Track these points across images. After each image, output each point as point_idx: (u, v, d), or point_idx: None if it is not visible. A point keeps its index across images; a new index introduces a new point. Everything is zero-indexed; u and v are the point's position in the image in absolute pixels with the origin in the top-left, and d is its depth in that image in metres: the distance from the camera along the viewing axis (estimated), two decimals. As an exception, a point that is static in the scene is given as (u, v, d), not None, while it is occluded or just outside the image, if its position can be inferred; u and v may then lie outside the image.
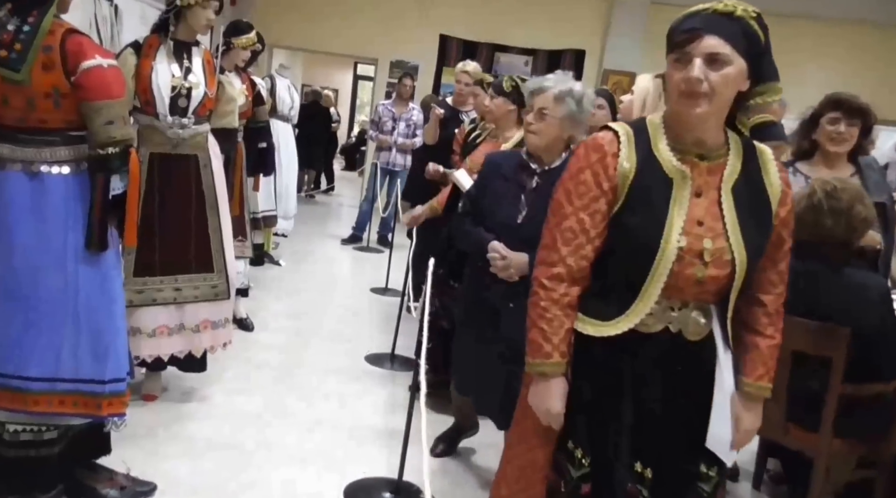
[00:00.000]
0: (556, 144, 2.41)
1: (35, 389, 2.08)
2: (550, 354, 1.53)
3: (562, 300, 1.54)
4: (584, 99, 2.36)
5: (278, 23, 9.52)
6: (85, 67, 2.05)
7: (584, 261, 1.53)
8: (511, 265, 2.35)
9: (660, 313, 1.50)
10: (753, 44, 1.45)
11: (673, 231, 1.45)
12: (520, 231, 2.36)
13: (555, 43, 9.31)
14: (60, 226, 2.08)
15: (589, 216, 1.51)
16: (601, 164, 1.51)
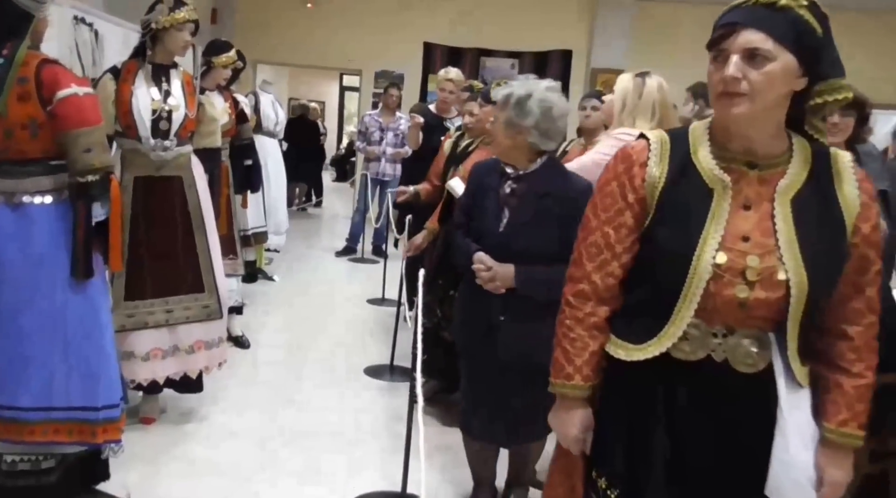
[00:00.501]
0: (514, 151, 2.27)
1: (30, 419, 2.07)
2: (571, 376, 1.44)
3: (587, 320, 1.43)
4: (528, 101, 2.19)
5: (260, 39, 9.51)
6: (60, 96, 2.05)
7: (610, 278, 1.42)
8: (496, 276, 2.24)
9: (699, 339, 1.34)
10: (805, 37, 1.27)
11: (707, 246, 1.30)
12: (502, 240, 2.27)
13: (541, 44, 9.21)
14: (45, 256, 2.08)
15: (614, 230, 1.41)
16: (627, 175, 1.40)
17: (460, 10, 9.27)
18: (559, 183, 2.22)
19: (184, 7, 2.99)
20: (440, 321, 3.27)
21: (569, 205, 2.11)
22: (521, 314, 2.25)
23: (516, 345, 2.24)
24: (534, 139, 2.18)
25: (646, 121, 2.68)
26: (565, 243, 2.08)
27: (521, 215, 2.22)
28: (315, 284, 6.17)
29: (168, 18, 2.94)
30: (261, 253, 5.63)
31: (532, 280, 2.20)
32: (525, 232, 2.20)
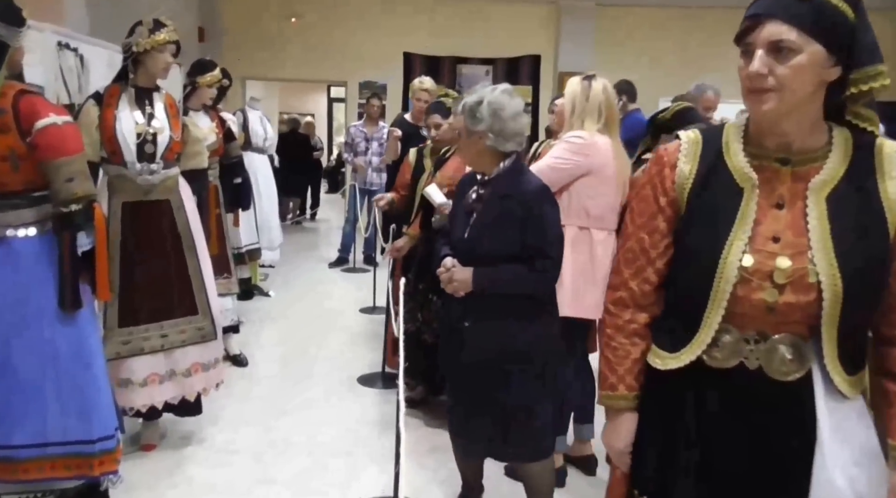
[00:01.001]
0: (479, 158, 2.25)
1: (24, 457, 2.00)
2: (615, 386, 1.37)
3: (627, 327, 1.37)
4: (479, 107, 2.17)
5: (247, 56, 9.46)
6: (39, 126, 1.98)
7: (646, 284, 1.36)
8: (453, 278, 2.20)
9: (731, 346, 1.25)
10: (835, 24, 1.16)
11: (734, 247, 1.22)
12: (467, 244, 2.25)
13: (512, 51, 9.40)
14: (32, 290, 2.01)
15: (648, 235, 1.34)
16: (659, 177, 1.34)
17: (437, 21, 9.36)
18: (519, 184, 2.21)
19: (164, 29, 2.91)
20: (420, 325, 3.27)
21: (525, 206, 2.13)
22: (484, 317, 2.21)
23: (479, 348, 2.22)
24: (491, 142, 2.16)
25: (593, 122, 2.72)
26: (523, 244, 2.13)
27: (484, 218, 2.21)
28: (309, 297, 6.09)
29: (148, 41, 2.86)
30: (255, 270, 5.55)
31: (489, 280, 2.17)
32: (487, 234, 2.19)
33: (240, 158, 4.38)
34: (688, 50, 9.46)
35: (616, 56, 9.32)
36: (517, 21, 9.40)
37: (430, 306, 3.20)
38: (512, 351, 2.20)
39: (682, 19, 9.47)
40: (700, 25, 9.46)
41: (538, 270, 2.14)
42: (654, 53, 9.38)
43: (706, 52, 9.44)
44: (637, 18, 9.40)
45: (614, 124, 2.78)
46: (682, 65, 9.11)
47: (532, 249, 2.14)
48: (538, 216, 2.14)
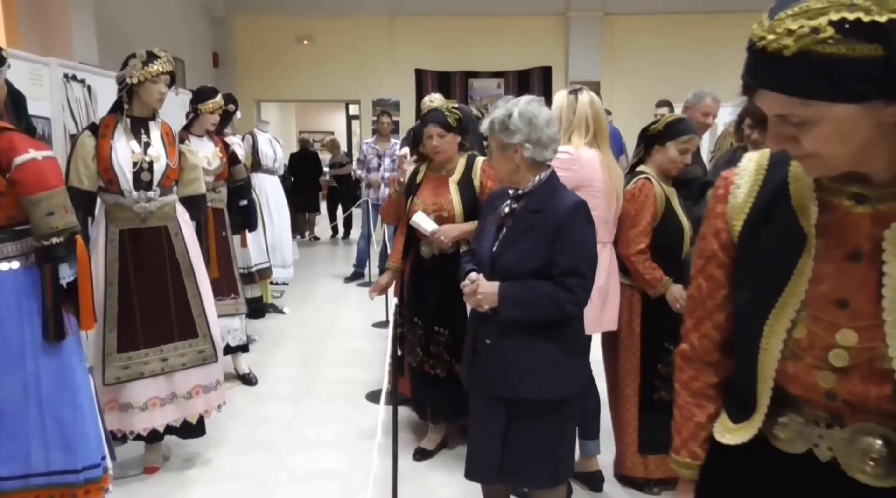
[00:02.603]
0: (515, 174, 2.13)
1: (7, 489, 1.99)
2: (678, 450, 1.17)
3: (691, 385, 1.16)
4: (510, 120, 2.07)
5: (261, 79, 9.58)
6: (18, 162, 1.98)
7: (707, 340, 1.13)
8: (478, 291, 2.06)
9: (797, 427, 0.98)
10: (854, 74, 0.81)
11: (784, 311, 0.95)
12: (493, 260, 2.11)
13: (523, 63, 9.41)
14: (15, 323, 2.00)
15: (706, 281, 1.12)
16: (713, 212, 1.10)
17: (446, 37, 9.40)
18: (552, 200, 2.10)
19: (157, 60, 2.92)
20: (424, 358, 3.05)
21: (557, 222, 2.03)
22: (507, 339, 2.08)
23: (497, 374, 2.09)
24: (529, 153, 2.06)
25: (580, 136, 2.66)
26: (548, 260, 2.02)
27: (514, 233, 2.10)
28: (323, 313, 6.08)
29: (142, 72, 2.87)
30: (266, 288, 5.55)
31: (513, 297, 2.04)
32: (515, 248, 2.08)
33: (245, 181, 4.38)
34: (695, 56, 9.36)
35: (625, 64, 9.29)
36: (526, 33, 9.42)
37: (436, 339, 3.00)
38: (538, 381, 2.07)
39: (688, 26, 9.38)
40: (706, 32, 9.36)
41: (569, 290, 2.01)
42: (662, 61, 9.32)
43: (713, 58, 9.34)
44: (644, 27, 9.37)
45: (603, 137, 2.72)
46: (690, 71, 9.01)
47: (563, 267, 2.01)
48: (571, 233, 2.03)
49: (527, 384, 2.06)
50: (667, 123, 2.66)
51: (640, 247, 2.60)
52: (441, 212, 2.93)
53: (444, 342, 2.98)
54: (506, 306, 2.03)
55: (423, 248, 3.01)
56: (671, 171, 2.68)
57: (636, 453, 2.76)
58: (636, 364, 2.72)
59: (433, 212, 2.93)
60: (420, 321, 3.06)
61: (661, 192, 2.62)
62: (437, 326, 2.97)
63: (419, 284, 3.08)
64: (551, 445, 2.13)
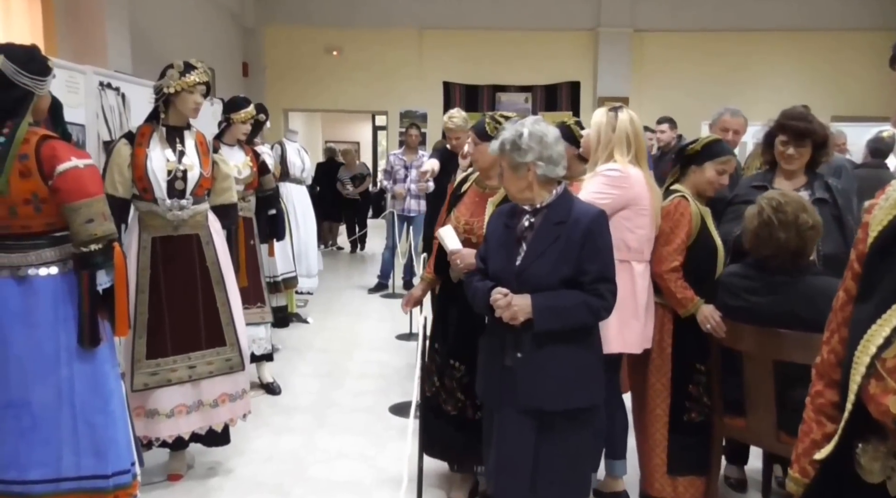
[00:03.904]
0: (528, 191, 2.16)
1: (38, 492, 2.02)
2: (792, 463, 1.15)
3: (816, 400, 1.12)
4: (521, 140, 2.11)
5: (290, 89, 9.72)
6: (60, 170, 2.03)
7: (832, 355, 1.10)
8: (513, 303, 2.06)
9: (875, 453, 0.96)
10: None
11: (882, 330, 0.93)
12: (519, 274, 2.13)
13: (550, 77, 9.46)
14: (51, 329, 2.04)
15: (843, 292, 1.09)
16: (864, 222, 1.08)
17: (475, 50, 9.47)
18: (574, 210, 2.15)
19: (194, 70, 2.97)
20: (439, 391, 2.83)
21: (585, 231, 2.08)
22: (541, 349, 2.10)
23: (536, 387, 2.09)
24: (542, 170, 2.12)
25: (622, 154, 2.64)
26: (578, 269, 2.07)
27: (537, 246, 2.13)
28: (346, 324, 6.11)
29: (179, 82, 2.93)
30: (291, 297, 5.60)
31: (547, 307, 2.07)
32: (541, 262, 2.11)
33: (274, 191, 4.44)
34: (725, 74, 9.34)
35: (654, 81, 9.29)
36: (555, 48, 9.46)
37: (450, 372, 2.77)
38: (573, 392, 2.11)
39: (719, 43, 9.36)
40: (737, 49, 9.34)
41: (601, 296, 2.09)
42: (691, 78, 9.31)
43: (744, 76, 9.30)
44: (674, 43, 9.39)
45: (643, 155, 2.71)
46: (720, 89, 8.97)
47: (593, 274, 2.08)
48: (599, 240, 2.11)
49: (563, 394, 2.10)
50: (704, 144, 2.67)
51: (672, 265, 2.59)
52: (470, 235, 2.66)
53: (457, 378, 2.75)
54: (541, 317, 2.06)
55: (451, 269, 2.73)
56: (708, 192, 2.67)
57: (665, 475, 2.73)
58: (667, 384, 2.70)
59: (463, 232, 2.69)
60: (439, 348, 2.86)
61: (696, 212, 2.61)
62: (453, 359, 2.76)
63: (445, 308, 2.88)
64: (584, 454, 2.15)
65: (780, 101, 3.17)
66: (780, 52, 9.35)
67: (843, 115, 8.24)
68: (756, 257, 2.46)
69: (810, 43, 9.28)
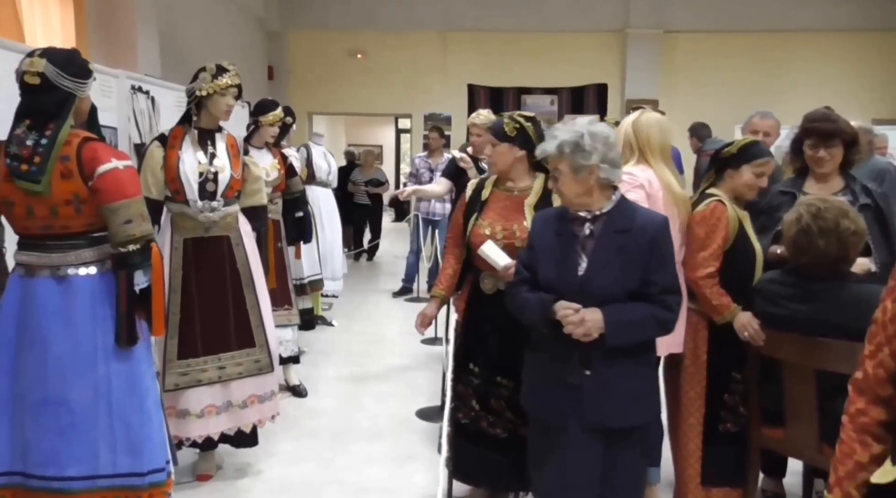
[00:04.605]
0: (586, 195, 2.08)
1: (75, 489, 2.06)
2: (832, 487, 1.11)
3: (858, 419, 1.09)
4: (583, 141, 2.03)
5: (314, 92, 9.80)
6: (101, 172, 2.08)
7: (881, 369, 1.08)
8: (586, 318, 1.98)
9: None
10: None
11: None
12: (582, 284, 2.04)
13: (577, 80, 9.43)
14: (89, 328, 2.09)
15: (892, 303, 1.07)
16: None
17: (500, 52, 9.48)
18: (637, 218, 2.09)
19: (226, 73, 3.02)
20: (481, 414, 2.63)
21: (651, 239, 2.04)
22: (609, 365, 2.04)
23: (607, 402, 2.04)
24: (605, 173, 2.04)
25: (624, 157, 2.61)
26: (644, 280, 2.03)
27: (601, 256, 2.06)
28: (371, 327, 6.14)
29: (211, 85, 2.97)
30: (317, 300, 5.64)
31: (620, 321, 2.01)
32: (605, 272, 2.04)
33: (301, 193, 4.49)
34: (758, 76, 9.23)
35: (684, 83, 9.21)
36: (582, 50, 9.43)
37: (497, 391, 2.58)
38: (636, 413, 2.09)
39: (751, 44, 9.27)
40: (770, 50, 9.24)
41: (669, 308, 2.05)
42: (723, 80, 9.22)
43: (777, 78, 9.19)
44: (705, 45, 9.30)
45: (655, 154, 2.70)
46: (752, 91, 8.88)
47: (661, 284, 2.05)
48: (665, 249, 2.08)
49: (630, 410, 2.08)
50: (740, 146, 2.64)
51: (708, 270, 2.57)
52: (512, 240, 2.54)
53: (506, 396, 2.56)
54: (614, 332, 2.00)
55: (484, 279, 2.63)
56: (746, 195, 2.64)
57: (699, 486, 2.70)
58: (701, 393, 2.68)
59: (502, 238, 2.55)
60: (477, 368, 2.65)
61: (734, 216, 2.59)
62: (500, 376, 2.57)
63: (478, 324, 2.67)
64: (643, 468, 2.14)
65: (819, 103, 3.12)
66: (816, 53, 9.20)
67: (885, 117, 8.12)
68: (795, 264, 2.43)
69: (848, 44, 9.13)
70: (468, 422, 2.64)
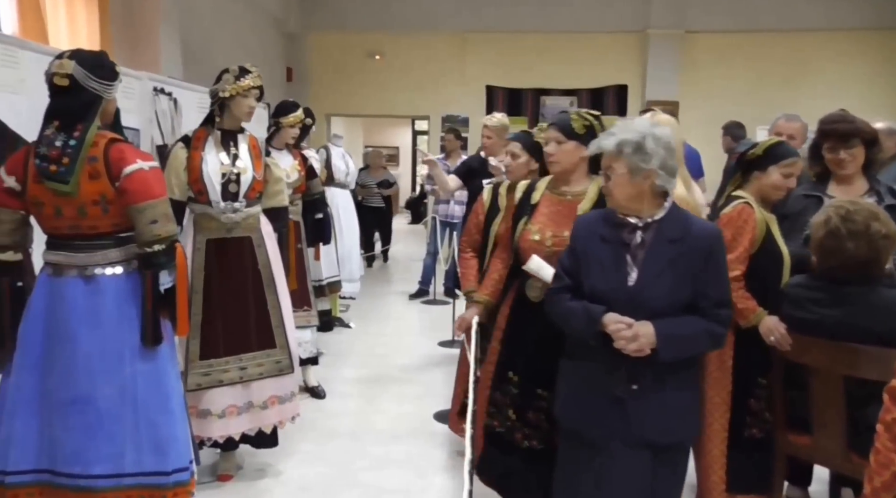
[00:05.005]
0: (637, 200, 1.99)
1: (101, 487, 2.09)
2: None
3: (893, 428, 1.10)
4: (645, 143, 1.93)
5: (333, 94, 9.85)
6: (127, 172, 2.11)
7: None
8: (639, 334, 1.90)
9: None
10: None
11: None
12: (633, 296, 1.96)
13: (596, 81, 9.40)
14: (115, 327, 2.12)
15: None
16: None
17: (518, 53, 9.47)
18: (691, 227, 2.00)
19: (249, 75, 3.05)
20: (517, 425, 2.49)
21: (706, 251, 1.97)
22: (657, 380, 1.97)
23: (654, 417, 1.97)
24: (661, 181, 1.95)
25: None
26: (697, 293, 1.96)
27: (653, 266, 1.97)
28: (389, 329, 6.16)
29: (234, 87, 3.00)
30: (335, 302, 5.67)
31: (672, 336, 1.93)
32: (658, 283, 1.96)
33: (321, 195, 4.51)
34: (781, 76, 9.14)
35: (706, 84, 9.15)
36: (601, 51, 9.40)
37: (537, 404, 2.45)
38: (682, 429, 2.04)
39: (775, 45, 9.18)
40: (794, 51, 9.14)
41: (722, 322, 1.98)
42: (745, 80, 9.14)
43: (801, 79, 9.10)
44: (726, 45, 9.22)
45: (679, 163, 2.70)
46: (775, 92, 8.80)
47: (715, 298, 1.97)
48: (720, 261, 2.00)
49: (681, 425, 2.03)
50: (766, 147, 2.61)
51: (734, 273, 2.54)
52: (562, 247, 2.32)
53: (545, 408, 2.42)
54: (666, 347, 1.92)
55: (531, 287, 2.47)
56: (773, 197, 2.62)
57: (723, 493, 2.68)
58: (726, 398, 2.65)
59: (552, 245, 2.39)
60: (517, 377, 2.51)
61: (761, 218, 2.56)
62: (540, 387, 2.43)
63: (519, 331, 2.54)
64: (682, 485, 2.08)
65: (842, 104, 3.10)
66: (840, 52, 9.07)
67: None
68: (823, 268, 2.41)
69: (872, 42, 8.99)
70: (503, 431, 2.53)
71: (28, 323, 2.14)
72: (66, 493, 2.10)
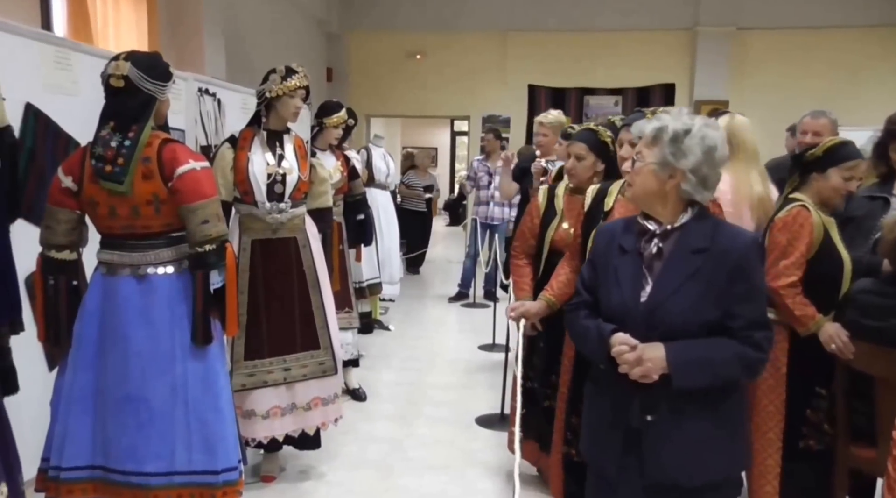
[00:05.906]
0: (657, 199, 1.78)
1: (154, 484, 2.15)
2: None
3: None
4: (686, 138, 1.71)
5: (372, 94, 9.93)
6: (180, 173, 2.17)
7: None
8: (644, 358, 1.68)
9: None
10: None
11: None
12: (645, 313, 1.74)
13: (642, 79, 9.27)
14: (167, 326, 2.18)
15: None
16: None
17: (561, 52, 9.40)
18: (720, 236, 1.75)
19: (295, 75, 3.10)
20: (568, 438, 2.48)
21: (731, 262, 1.71)
22: (675, 411, 1.72)
23: (670, 458, 1.73)
24: (688, 187, 1.72)
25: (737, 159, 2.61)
26: (726, 310, 1.70)
27: (669, 279, 1.74)
28: (428, 332, 6.19)
29: (281, 87, 3.05)
30: (376, 304, 5.72)
31: (689, 361, 1.69)
32: (675, 300, 1.72)
33: (363, 196, 4.56)
34: (834, 75, 8.91)
35: (756, 83, 8.97)
36: (648, 49, 9.28)
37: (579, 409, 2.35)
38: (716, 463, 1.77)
39: (828, 42, 8.94)
40: (847, 48, 8.90)
41: (757, 346, 1.70)
42: (797, 80, 8.93)
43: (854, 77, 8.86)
44: (779, 42, 9.02)
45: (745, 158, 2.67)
46: (828, 91, 8.57)
47: (747, 318, 1.71)
48: (754, 276, 1.73)
49: (708, 464, 1.75)
50: (826, 148, 2.54)
51: (790, 279, 2.50)
52: None
53: None
54: (680, 373, 1.68)
55: None
56: (833, 200, 2.55)
57: (778, 504, 2.63)
58: (780, 407, 2.60)
59: None
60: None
61: (819, 222, 2.51)
62: None
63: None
64: None
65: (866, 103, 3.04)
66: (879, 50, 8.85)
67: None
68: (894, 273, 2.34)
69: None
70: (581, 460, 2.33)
71: (83, 321, 2.22)
72: (120, 489, 2.17)
